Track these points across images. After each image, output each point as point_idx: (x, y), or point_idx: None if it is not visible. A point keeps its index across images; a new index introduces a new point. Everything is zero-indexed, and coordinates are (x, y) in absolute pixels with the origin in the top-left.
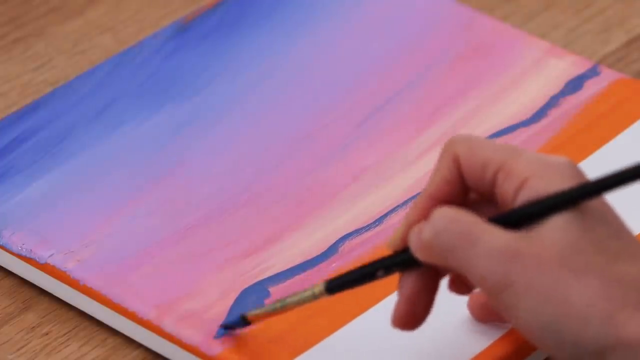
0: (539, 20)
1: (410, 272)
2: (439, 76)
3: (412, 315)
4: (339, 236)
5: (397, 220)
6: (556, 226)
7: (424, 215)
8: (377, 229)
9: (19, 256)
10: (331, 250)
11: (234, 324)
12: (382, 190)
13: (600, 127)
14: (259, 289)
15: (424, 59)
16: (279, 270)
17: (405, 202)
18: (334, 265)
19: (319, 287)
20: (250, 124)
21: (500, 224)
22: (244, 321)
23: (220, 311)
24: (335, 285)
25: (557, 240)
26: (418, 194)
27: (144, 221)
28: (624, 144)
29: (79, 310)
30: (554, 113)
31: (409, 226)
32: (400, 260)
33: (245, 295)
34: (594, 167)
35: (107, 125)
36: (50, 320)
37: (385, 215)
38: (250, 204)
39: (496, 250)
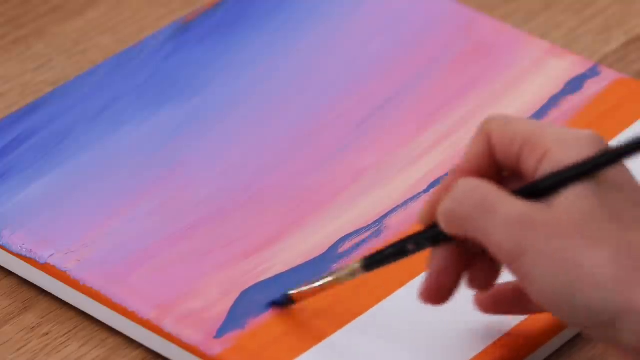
0: (539, 20)
1: (439, 248)
2: (439, 76)
3: (439, 291)
4: (339, 236)
5: (397, 221)
6: (571, 196)
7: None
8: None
9: (19, 256)
10: (331, 250)
11: (280, 302)
12: (382, 191)
13: (600, 127)
14: (259, 289)
15: (424, 58)
16: (279, 271)
17: (405, 203)
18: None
19: (356, 264)
20: (250, 124)
21: (521, 196)
22: (289, 300)
23: (220, 311)
24: (372, 262)
25: (572, 209)
26: (418, 194)
27: (144, 221)
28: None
29: (79, 310)
30: (554, 113)
31: (438, 200)
32: (429, 235)
33: (245, 295)
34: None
35: (107, 125)
36: (50, 320)
37: (385, 215)
38: (250, 204)
39: (512, 218)
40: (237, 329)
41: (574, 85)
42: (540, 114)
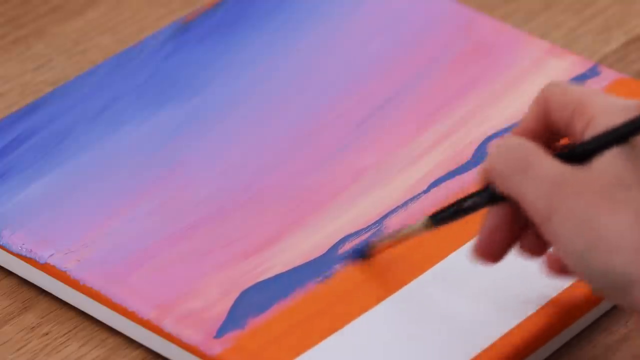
0: (539, 20)
1: (493, 208)
2: (439, 76)
3: (492, 248)
4: (340, 237)
5: (397, 221)
6: (605, 160)
7: None
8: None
9: (19, 256)
10: (331, 251)
11: (358, 252)
12: (382, 191)
13: None
14: (259, 289)
15: (424, 58)
16: (279, 271)
17: (405, 203)
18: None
19: (426, 220)
20: (250, 124)
21: (562, 158)
22: (367, 251)
23: (220, 311)
24: (438, 220)
25: (604, 171)
26: (418, 194)
27: (144, 221)
28: None
29: (79, 310)
30: None
31: None
32: (484, 194)
33: (245, 295)
34: None
35: (107, 125)
36: (50, 320)
37: (386, 216)
38: (251, 204)
39: (546, 178)
40: (237, 329)
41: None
42: None
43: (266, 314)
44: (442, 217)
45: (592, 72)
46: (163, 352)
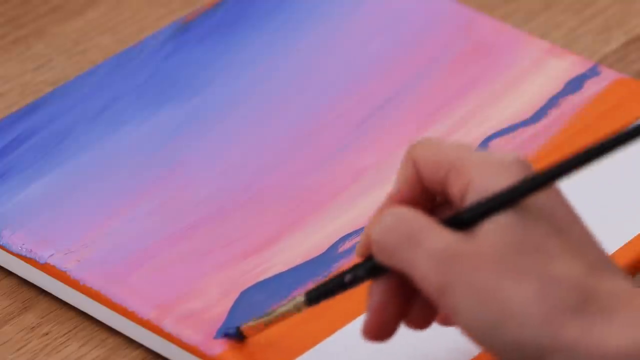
0: (539, 20)
1: (377, 282)
2: (439, 76)
3: (381, 327)
4: (339, 236)
5: None
6: (495, 227)
7: None
8: None
9: (19, 256)
10: (331, 250)
11: (232, 335)
12: (382, 190)
13: (600, 127)
14: (259, 289)
15: (424, 58)
16: (279, 271)
17: None
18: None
19: (300, 298)
20: (250, 124)
21: (449, 226)
22: (240, 334)
23: (220, 311)
24: (314, 297)
25: (495, 241)
26: None
27: (144, 221)
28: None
29: (79, 310)
30: (554, 113)
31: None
32: (366, 267)
33: (245, 295)
34: (594, 167)
35: (107, 125)
36: (50, 320)
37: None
38: (250, 204)
39: (436, 251)
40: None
41: (574, 85)
42: (540, 114)
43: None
44: (318, 294)
45: (592, 72)
46: (163, 352)
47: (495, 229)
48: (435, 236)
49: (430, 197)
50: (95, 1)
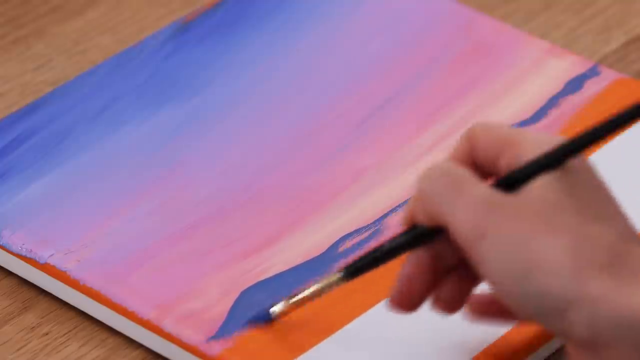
0: (539, 20)
1: (413, 254)
2: (439, 76)
3: (408, 297)
4: (339, 236)
5: (397, 221)
6: (538, 186)
7: None
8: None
9: (19, 256)
10: (331, 250)
11: (259, 319)
12: (382, 190)
13: None
14: (259, 289)
15: (424, 58)
16: (279, 270)
17: (405, 203)
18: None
19: (336, 275)
20: (250, 124)
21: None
22: (269, 316)
23: (220, 311)
24: (352, 271)
25: (537, 197)
26: None
27: (144, 221)
28: (624, 144)
29: (79, 310)
30: (554, 113)
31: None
32: (406, 236)
33: (245, 295)
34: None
35: (107, 125)
36: (50, 320)
37: (385, 215)
38: (250, 204)
39: (478, 200)
40: (237, 329)
41: (574, 85)
42: (540, 114)
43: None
44: (357, 267)
45: (592, 72)
46: (163, 352)
47: (538, 187)
48: (479, 187)
49: (480, 176)
50: (95, 1)
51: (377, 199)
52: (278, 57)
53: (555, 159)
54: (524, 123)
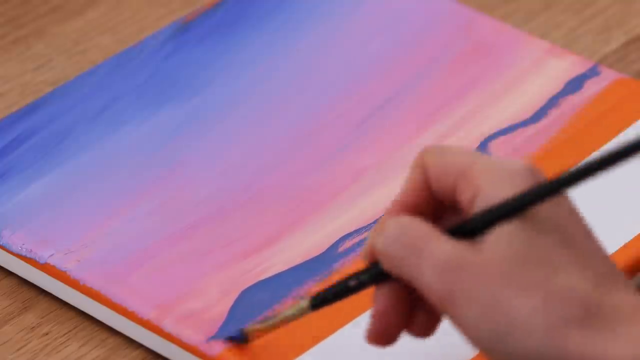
0: (539, 20)
1: (382, 287)
2: (439, 76)
3: (384, 331)
4: (339, 236)
5: None
6: (500, 237)
7: None
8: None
9: (19, 256)
10: (331, 250)
11: (235, 338)
12: (382, 190)
13: (600, 127)
14: (259, 289)
15: (424, 58)
16: (279, 270)
17: None
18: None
19: (305, 302)
20: (250, 124)
21: (454, 235)
22: (243, 337)
23: (220, 311)
24: (318, 302)
25: (499, 251)
26: None
27: (144, 221)
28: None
29: (79, 310)
30: (554, 113)
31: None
32: (370, 273)
33: (245, 295)
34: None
35: (107, 125)
36: (50, 320)
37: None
38: (250, 204)
39: (440, 261)
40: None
41: (574, 85)
42: (540, 114)
43: (266, 313)
44: (324, 298)
45: (592, 72)
46: (163, 352)
47: (500, 240)
48: (439, 246)
49: (437, 204)
50: (95, 1)
51: (377, 199)
52: (278, 57)
53: (515, 207)
54: (524, 123)
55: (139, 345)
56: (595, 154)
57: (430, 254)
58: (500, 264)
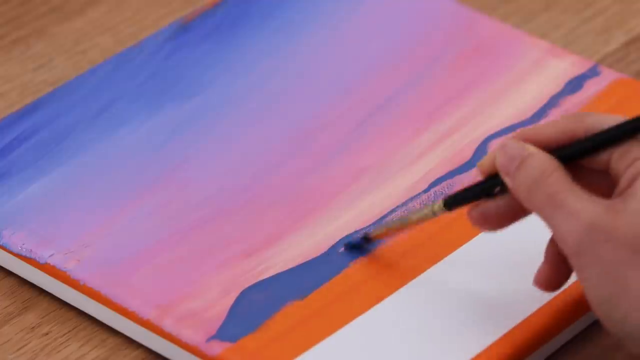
0: (539, 20)
1: (551, 244)
2: (439, 76)
3: (552, 279)
4: (340, 236)
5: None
6: (637, 212)
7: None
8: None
9: (19, 256)
10: (331, 250)
11: (357, 243)
12: (382, 190)
13: None
14: (259, 289)
15: (424, 58)
16: (279, 270)
17: (405, 202)
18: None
19: (438, 204)
20: (250, 124)
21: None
22: (367, 240)
23: (220, 311)
24: (452, 202)
25: (635, 221)
26: (418, 194)
27: (144, 221)
28: None
29: (79, 310)
30: (554, 113)
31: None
32: (502, 182)
33: (245, 295)
34: None
35: (107, 125)
36: (50, 320)
37: (385, 215)
38: (251, 204)
39: (577, 217)
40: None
41: (574, 85)
42: (540, 114)
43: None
44: (456, 199)
45: (592, 72)
46: (163, 352)
47: (637, 208)
48: (577, 202)
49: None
50: (95, 1)
51: (377, 199)
52: (278, 57)
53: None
54: (524, 123)
55: (139, 345)
56: None
57: (568, 209)
58: (631, 232)
